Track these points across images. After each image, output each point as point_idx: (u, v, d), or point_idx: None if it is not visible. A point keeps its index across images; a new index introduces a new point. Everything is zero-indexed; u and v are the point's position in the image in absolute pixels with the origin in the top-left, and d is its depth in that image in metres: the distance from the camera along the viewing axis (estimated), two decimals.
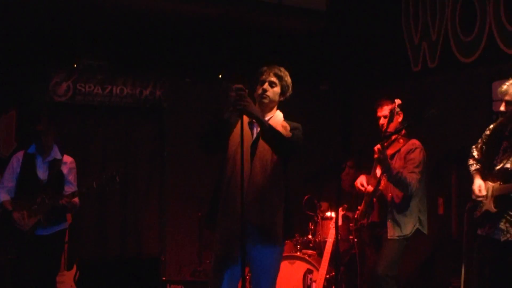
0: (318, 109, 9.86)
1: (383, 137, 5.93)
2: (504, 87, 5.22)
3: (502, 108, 5.21)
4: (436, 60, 8.27)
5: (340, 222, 7.37)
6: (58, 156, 6.86)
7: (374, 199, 6.26)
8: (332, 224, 7.34)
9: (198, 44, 9.26)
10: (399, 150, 6.21)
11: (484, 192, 5.29)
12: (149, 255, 8.88)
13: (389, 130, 6.08)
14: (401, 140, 6.24)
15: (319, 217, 7.65)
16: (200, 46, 9.21)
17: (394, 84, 8.70)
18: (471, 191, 5.36)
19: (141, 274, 8.60)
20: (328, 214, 7.65)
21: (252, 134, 4.85)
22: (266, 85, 4.86)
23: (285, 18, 9.34)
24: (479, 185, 5.34)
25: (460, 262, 6.30)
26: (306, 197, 8.00)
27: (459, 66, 7.96)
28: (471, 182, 5.45)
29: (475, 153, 5.59)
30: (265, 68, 4.94)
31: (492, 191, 5.24)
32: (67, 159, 6.94)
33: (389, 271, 6.07)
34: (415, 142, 6.18)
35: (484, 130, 5.58)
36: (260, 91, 4.87)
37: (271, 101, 4.91)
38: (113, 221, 8.84)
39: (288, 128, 4.90)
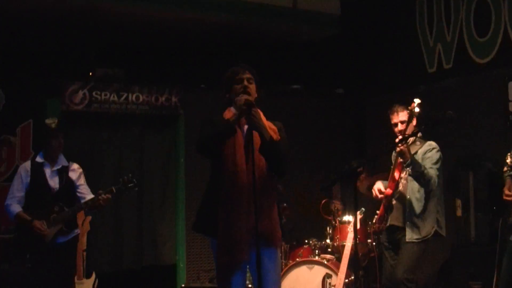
0: (334, 113, 9.85)
1: (404, 137, 5.85)
2: None
3: None
4: (451, 61, 8.25)
5: (358, 226, 7.35)
6: (65, 163, 6.83)
7: (393, 201, 6.23)
8: (350, 228, 7.31)
9: (213, 50, 9.29)
10: (416, 153, 6.18)
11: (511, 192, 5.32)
12: (166, 262, 8.90)
13: (407, 133, 6.05)
14: (417, 143, 6.22)
15: (337, 221, 7.63)
16: (215, 53, 9.23)
17: (410, 87, 8.67)
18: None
19: (158, 281, 8.63)
20: (346, 218, 7.63)
21: (242, 132, 4.76)
22: (245, 82, 4.76)
23: (299, 23, 9.34)
24: (509, 186, 5.37)
25: (493, 268, 6.23)
26: (323, 202, 7.99)
27: (475, 67, 7.94)
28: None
29: (508, 160, 5.60)
30: (236, 68, 4.87)
31: None
32: (74, 165, 6.92)
33: (409, 275, 6.05)
34: (431, 143, 6.15)
35: (501, 131, 5.58)
36: (241, 88, 4.74)
37: (253, 97, 4.76)
38: (130, 229, 8.84)
39: (276, 130, 4.82)
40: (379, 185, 6.34)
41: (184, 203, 8.95)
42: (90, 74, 8.76)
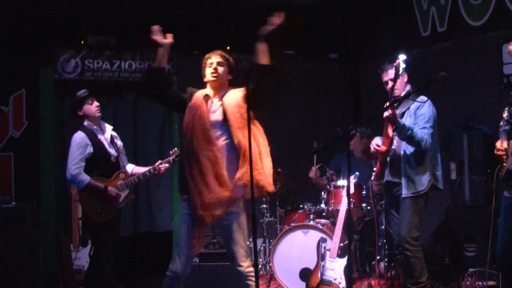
0: (328, 79, 9.83)
1: (393, 100, 5.87)
2: None
3: None
4: (445, 24, 8.21)
5: (352, 190, 7.37)
6: (109, 130, 6.83)
7: (388, 158, 6.24)
8: (344, 192, 7.33)
9: (205, 17, 9.23)
10: (408, 108, 6.18)
11: (503, 147, 5.31)
12: (162, 229, 8.94)
13: (396, 90, 6.06)
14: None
15: (331, 186, 7.64)
16: (207, 19, 9.17)
17: (404, 50, 8.61)
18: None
19: (155, 247, 8.66)
20: (340, 182, 7.64)
21: (208, 109, 5.32)
22: (215, 65, 5.39)
23: None
24: (500, 142, 5.38)
25: (488, 229, 6.26)
26: (317, 166, 8.00)
27: (469, 30, 7.90)
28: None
29: (505, 115, 5.60)
30: (208, 54, 5.50)
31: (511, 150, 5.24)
32: (113, 132, 6.93)
33: (413, 233, 6.05)
34: (423, 97, 6.04)
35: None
36: (210, 72, 5.40)
37: (222, 80, 5.42)
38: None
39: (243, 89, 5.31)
40: (377, 141, 6.31)
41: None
42: (82, 42, 8.70)
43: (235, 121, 5.22)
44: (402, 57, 5.94)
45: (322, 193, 7.86)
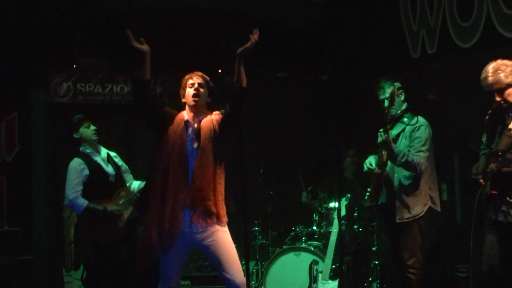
0: (319, 100, 9.86)
1: (387, 121, 5.83)
2: (489, 79, 5.34)
3: (498, 98, 5.23)
4: (435, 46, 8.26)
5: (344, 212, 7.38)
6: (106, 150, 6.87)
7: (383, 181, 6.16)
8: (336, 214, 7.34)
9: (196, 39, 9.26)
10: (404, 130, 6.12)
11: (478, 170, 5.32)
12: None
13: (393, 109, 6.01)
14: (405, 119, 6.08)
15: (323, 208, 7.66)
16: (198, 42, 9.20)
17: (394, 72, 8.68)
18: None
19: (148, 272, 8.62)
20: (332, 204, 7.66)
21: (188, 135, 5.28)
22: (196, 87, 5.31)
23: (283, 10, 9.33)
24: (477, 165, 5.37)
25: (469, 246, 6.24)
26: (309, 188, 8.02)
27: (458, 52, 7.95)
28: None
29: (484, 138, 5.60)
30: (189, 74, 5.41)
31: (490, 173, 5.24)
32: (112, 152, 6.96)
33: (415, 257, 6.02)
34: (420, 119, 6.01)
35: (485, 114, 5.59)
36: (191, 93, 5.31)
37: (202, 102, 5.36)
38: None
39: (219, 114, 5.35)
40: (370, 159, 6.23)
41: None
42: (74, 66, 8.73)
43: (205, 147, 5.21)
44: (397, 84, 5.96)
45: (314, 215, 7.87)
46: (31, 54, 8.55)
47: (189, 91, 5.34)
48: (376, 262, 7.13)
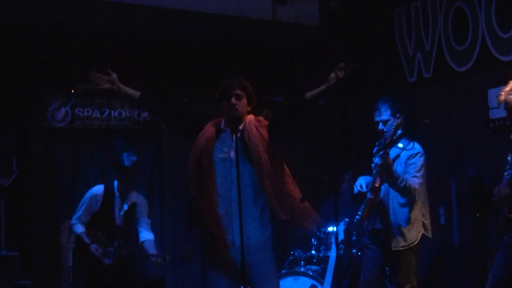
0: (317, 124, 9.87)
1: (386, 143, 5.78)
2: (502, 97, 5.24)
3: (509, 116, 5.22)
4: (431, 70, 8.31)
5: (342, 237, 7.38)
6: (136, 199, 6.92)
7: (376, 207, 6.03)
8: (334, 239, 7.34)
9: (194, 64, 9.30)
10: (398, 155, 6.02)
11: (501, 194, 5.29)
12: (153, 276, 8.89)
13: (387, 133, 5.90)
14: (400, 144, 5.95)
15: (321, 232, 7.66)
16: (196, 66, 9.24)
17: (390, 96, 8.71)
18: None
19: None
20: (330, 229, 7.65)
21: (224, 144, 4.93)
22: (233, 99, 4.90)
23: (279, 35, 9.39)
24: (498, 187, 5.34)
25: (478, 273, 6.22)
26: None
27: (454, 75, 8.00)
28: None
29: (510, 158, 5.56)
30: (227, 81, 5.00)
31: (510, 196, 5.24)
32: (142, 200, 6.99)
33: (411, 282, 5.91)
34: (416, 146, 5.92)
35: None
36: (228, 105, 4.90)
37: (242, 113, 4.95)
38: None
39: (263, 120, 5.05)
40: (360, 181, 6.11)
41: (167, 218, 8.94)
42: (72, 91, 8.75)
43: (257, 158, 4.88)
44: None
45: (312, 239, 7.86)
46: (28, 79, 8.57)
47: (225, 104, 4.93)
48: None
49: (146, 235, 7.04)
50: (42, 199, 8.50)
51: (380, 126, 6.04)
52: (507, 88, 5.25)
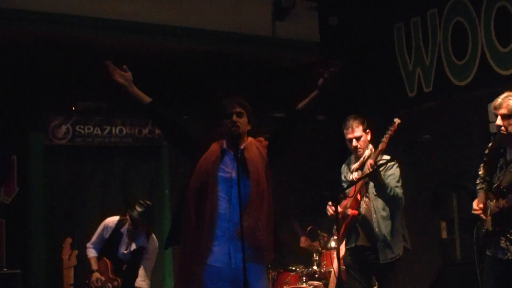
0: (316, 140, 9.88)
1: (379, 165, 5.75)
2: (499, 100, 5.20)
3: (499, 122, 5.16)
4: (431, 85, 8.33)
5: (342, 252, 7.35)
6: (144, 243, 6.93)
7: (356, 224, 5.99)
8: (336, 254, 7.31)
9: (194, 81, 9.32)
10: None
11: (479, 207, 5.28)
12: None
13: (360, 149, 6.03)
14: (378, 158, 5.92)
15: (323, 248, 7.64)
16: (196, 83, 9.26)
17: (391, 112, 8.73)
18: (471, 214, 5.35)
19: None
20: (332, 244, 7.64)
21: (227, 164, 4.80)
22: (234, 117, 4.79)
23: (279, 51, 9.42)
24: (477, 201, 5.34)
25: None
26: (309, 228, 8.00)
27: (454, 90, 8.02)
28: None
29: (481, 172, 5.56)
30: (227, 100, 4.91)
31: (490, 209, 5.23)
32: (152, 246, 7.01)
33: None
34: (388, 158, 5.80)
35: (482, 152, 5.58)
36: (229, 123, 4.78)
37: (243, 131, 4.83)
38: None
39: (263, 140, 4.92)
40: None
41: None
42: (73, 108, 8.77)
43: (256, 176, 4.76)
44: (397, 121, 5.85)
45: (314, 254, 7.85)
46: (29, 97, 8.60)
47: (226, 122, 4.79)
48: None
49: (140, 282, 7.00)
50: (43, 216, 8.49)
51: (354, 143, 6.07)
52: (505, 93, 5.25)
